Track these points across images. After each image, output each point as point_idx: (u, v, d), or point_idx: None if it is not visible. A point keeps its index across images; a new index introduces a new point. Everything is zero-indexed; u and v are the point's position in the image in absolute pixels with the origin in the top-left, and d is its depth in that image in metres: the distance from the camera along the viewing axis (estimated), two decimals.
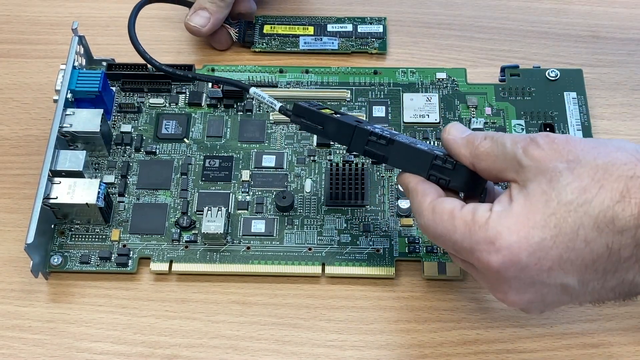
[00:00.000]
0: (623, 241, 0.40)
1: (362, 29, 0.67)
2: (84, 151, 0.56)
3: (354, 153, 0.59)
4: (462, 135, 0.47)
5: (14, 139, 0.63)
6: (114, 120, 0.62)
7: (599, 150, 0.42)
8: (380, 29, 0.67)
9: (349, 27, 0.67)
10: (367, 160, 0.60)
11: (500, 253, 0.42)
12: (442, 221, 0.45)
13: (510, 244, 0.41)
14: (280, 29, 0.67)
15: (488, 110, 0.62)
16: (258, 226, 0.57)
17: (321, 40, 0.66)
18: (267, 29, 0.67)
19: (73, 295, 0.55)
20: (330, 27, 0.67)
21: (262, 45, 0.66)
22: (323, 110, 0.52)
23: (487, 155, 0.45)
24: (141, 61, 0.63)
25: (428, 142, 0.60)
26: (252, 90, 0.56)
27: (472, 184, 0.47)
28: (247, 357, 0.52)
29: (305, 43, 0.66)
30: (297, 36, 0.67)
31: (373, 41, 0.67)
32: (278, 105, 0.54)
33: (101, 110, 0.57)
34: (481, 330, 0.53)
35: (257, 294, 0.55)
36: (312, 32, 0.67)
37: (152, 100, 0.63)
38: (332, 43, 0.66)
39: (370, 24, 0.68)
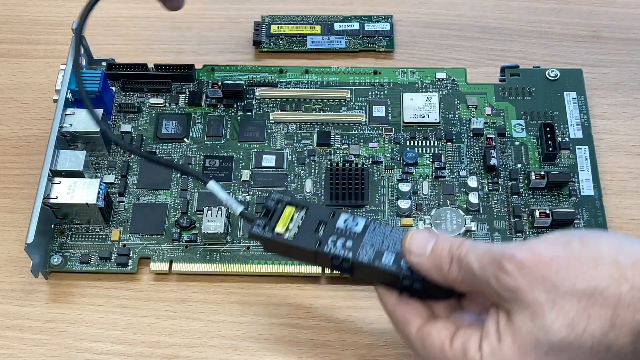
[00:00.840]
0: None
1: (369, 27, 0.67)
2: (84, 151, 0.56)
3: (353, 152, 0.60)
4: (426, 253, 0.43)
5: (14, 139, 0.63)
6: (114, 120, 0.62)
7: (575, 272, 0.38)
8: (388, 27, 0.67)
9: (356, 26, 0.67)
10: (367, 160, 0.60)
11: None
12: (435, 356, 0.42)
13: None
14: (287, 29, 0.67)
15: (488, 110, 0.62)
16: None
17: (329, 39, 0.66)
18: (274, 28, 0.67)
19: (73, 295, 0.55)
20: (337, 26, 0.67)
21: (270, 45, 0.66)
22: (287, 208, 0.48)
23: (462, 281, 0.42)
24: (141, 61, 0.63)
25: (428, 142, 0.60)
26: (210, 185, 0.51)
27: (446, 293, 0.44)
28: (247, 357, 0.52)
29: (313, 42, 0.66)
30: (305, 35, 0.67)
31: (380, 39, 0.67)
32: (239, 209, 0.50)
33: (101, 110, 0.57)
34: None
35: (257, 294, 0.55)
36: (319, 31, 0.67)
37: (152, 100, 0.63)
38: (340, 42, 0.66)
39: (377, 22, 0.68)
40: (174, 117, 0.62)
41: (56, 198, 0.54)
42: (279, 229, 0.47)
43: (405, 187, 0.58)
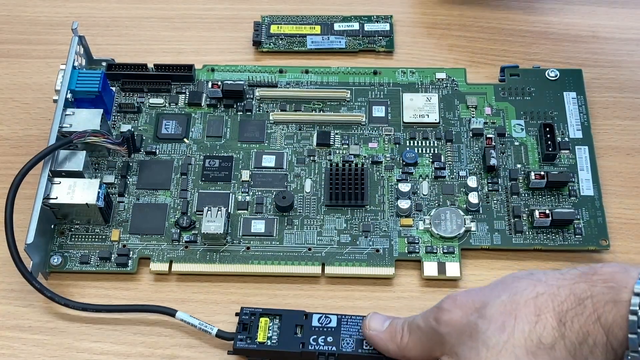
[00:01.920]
0: (558, 355, 0.41)
1: (369, 27, 0.67)
2: (84, 151, 0.56)
3: (353, 152, 0.60)
4: (383, 328, 0.48)
5: (14, 139, 0.63)
6: (114, 120, 0.62)
7: (498, 288, 0.44)
8: (387, 27, 0.67)
9: (356, 26, 0.67)
10: (367, 160, 0.60)
11: None
12: None
13: None
14: (287, 29, 0.67)
15: (488, 110, 0.62)
16: (258, 226, 0.57)
17: (329, 39, 0.66)
18: (274, 28, 0.67)
19: (73, 295, 0.55)
20: (337, 26, 0.67)
21: (270, 45, 0.66)
22: (261, 319, 0.51)
23: (413, 342, 0.46)
24: (141, 61, 0.63)
25: (427, 142, 0.60)
26: (179, 315, 0.53)
27: None
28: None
29: (312, 42, 0.66)
30: (305, 35, 0.67)
31: (380, 39, 0.67)
32: (215, 330, 0.52)
33: (101, 110, 0.57)
34: None
35: (257, 294, 0.55)
36: (319, 32, 0.67)
37: (152, 100, 0.63)
38: (340, 42, 0.66)
39: (377, 22, 0.68)
40: (174, 117, 0.62)
41: (56, 198, 0.54)
42: (261, 338, 0.51)
43: (405, 187, 0.58)
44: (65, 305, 0.53)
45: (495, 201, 0.58)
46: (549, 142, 0.59)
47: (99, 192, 0.55)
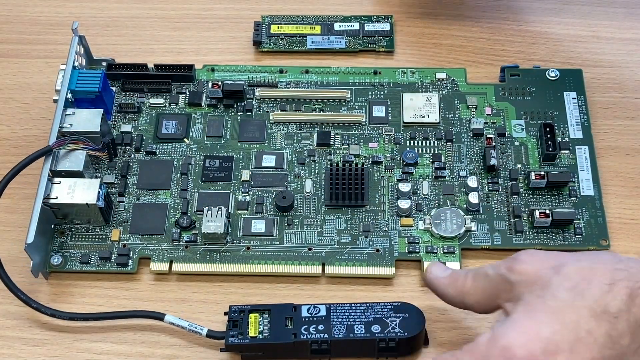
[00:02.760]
0: (619, 327, 0.41)
1: (369, 27, 0.67)
2: (84, 151, 0.56)
3: (353, 152, 0.60)
4: (444, 274, 0.50)
5: (14, 139, 0.63)
6: (114, 120, 0.62)
7: (579, 256, 0.45)
8: (388, 27, 0.67)
9: (356, 26, 0.67)
10: (367, 160, 0.60)
11: (517, 356, 0.42)
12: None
13: (524, 344, 0.42)
14: (287, 29, 0.67)
15: (488, 110, 0.62)
16: (258, 226, 0.57)
17: (329, 39, 0.66)
18: (274, 28, 0.67)
19: (73, 295, 0.55)
20: (337, 26, 0.67)
21: (270, 45, 0.66)
22: (250, 315, 0.51)
23: (475, 288, 0.47)
24: (141, 61, 0.63)
25: (428, 142, 0.60)
26: (168, 318, 0.53)
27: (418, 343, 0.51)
28: None
29: (313, 42, 0.66)
30: (305, 35, 0.67)
31: (380, 39, 0.67)
32: (205, 330, 0.52)
33: (101, 110, 0.57)
34: (481, 330, 0.53)
35: (257, 294, 0.55)
36: (319, 31, 0.67)
37: (152, 100, 0.63)
38: (340, 42, 0.66)
39: (377, 22, 0.68)
40: (174, 117, 0.62)
41: (56, 198, 0.54)
42: (252, 333, 0.51)
43: (405, 187, 0.58)
44: (52, 315, 0.53)
45: (495, 201, 0.58)
46: (549, 142, 0.59)
47: (99, 192, 0.55)
